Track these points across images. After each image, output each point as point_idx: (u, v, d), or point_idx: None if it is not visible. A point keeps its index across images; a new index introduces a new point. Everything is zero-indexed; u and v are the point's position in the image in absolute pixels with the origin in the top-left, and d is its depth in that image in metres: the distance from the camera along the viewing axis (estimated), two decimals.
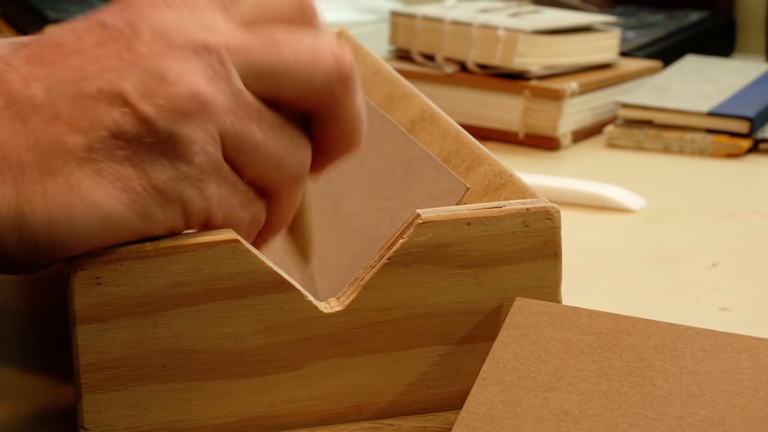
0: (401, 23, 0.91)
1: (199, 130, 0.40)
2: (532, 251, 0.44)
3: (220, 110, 0.41)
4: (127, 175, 0.40)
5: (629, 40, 0.96)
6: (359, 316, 0.43)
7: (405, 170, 0.51)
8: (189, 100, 0.40)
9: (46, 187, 0.39)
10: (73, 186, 0.39)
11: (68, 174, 0.39)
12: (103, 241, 0.41)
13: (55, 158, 0.39)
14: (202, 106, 0.40)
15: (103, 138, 0.40)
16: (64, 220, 0.40)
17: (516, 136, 0.86)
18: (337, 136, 0.44)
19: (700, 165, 0.81)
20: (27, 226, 0.39)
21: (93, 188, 0.40)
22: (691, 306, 0.60)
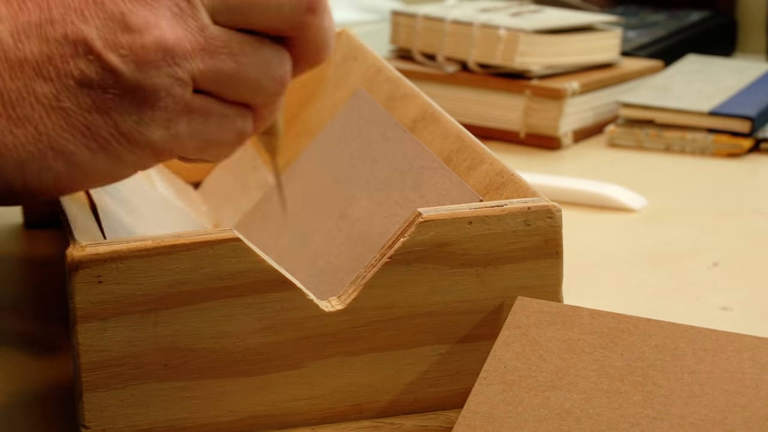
0: (402, 23, 0.91)
1: (164, 76, 0.41)
2: (533, 250, 0.44)
3: (188, 51, 0.41)
4: (95, 122, 0.41)
5: (630, 40, 0.96)
6: (360, 314, 0.43)
7: (416, 178, 0.51)
8: (154, 48, 0.41)
9: (16, 135, 0.40)
10: (42, 134, 0.40)
11: (37, 122, 0.40)
12: (74, 185, 0.42)
13: (23, 106, 0.40)
14: (167, 52, 0.41)
15: (70, 86, 0.40)
16: (33, 167, 0.40)
17: (517, 136, 0.86)
18: (306, 53, 0.45)
19: (701, 164, 0.81)
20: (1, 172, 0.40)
21: (62, 136, 0.40)
22: (692, 305, 0.60)
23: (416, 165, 0.52)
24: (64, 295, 0.42)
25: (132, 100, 0.41)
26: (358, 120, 0.58)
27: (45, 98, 0.40)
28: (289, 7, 0.43)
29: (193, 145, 0.43)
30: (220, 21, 0.43)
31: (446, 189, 0.49)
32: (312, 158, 0.60)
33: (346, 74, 0.65)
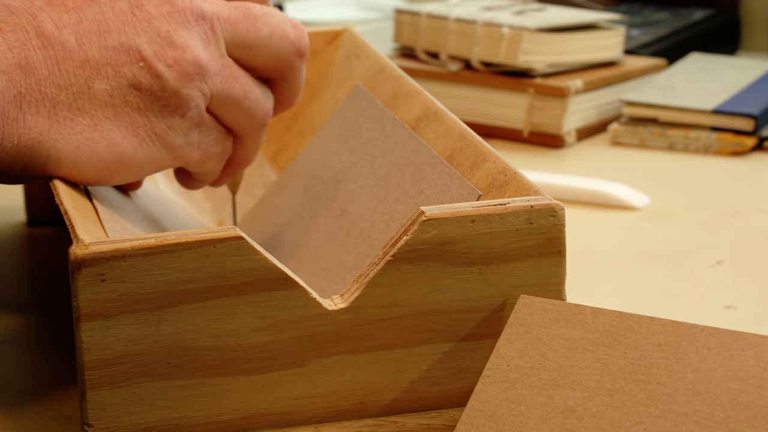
0: (405, 21, 0.91)
1: (196, 89, 0.48)
2: (536, 248, 0.44)
3: (212, 73, 0.49)
4: (137, 121, 0.48)
5: (634, 38, 0.96)
6: (363, 313, 0.43)
7: (416, 174, 0.51)
8: (192, 64, 0.48)
9: (76, 122, 0.47)
10: (97, 125, 0.47)
11: (93, 114, 0.47)
12: (112, 174, 0.48)
13: (83, 99, 0.47)
14: (201, 70, 0.48)
15: (123, 86, 0.47)
16: (86, 152, 0.47)
17: (520, 134, 0.85)
18: (285, 96, 0.54)
19: (704, 163, 0.81)
20: (56, 153, 0.46)
21: (112, 129, 0.47)
22: (695, 304, 0.60)
23: (415, 161, 0.52)
24: (67, 293, 0.42)
25: (168, 106, 0.48)
26: (357, 116, 0.58)
27: (101, 94, 0.47)
28: (285, 50, 0.52)
29: (198, 155, 0.50)
30: (231, 55, 0.50)
31: (446, 185, 0.49)
32: (312, 155, 0.60)
33: (348, 72, 0.65)
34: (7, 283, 0.61)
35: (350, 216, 0.53)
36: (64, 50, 0.47)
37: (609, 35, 0.89)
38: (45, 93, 0.46)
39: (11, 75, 0.46)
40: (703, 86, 0.86)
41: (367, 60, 0.64)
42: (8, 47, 0.46)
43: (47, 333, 0.55)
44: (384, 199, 0.52)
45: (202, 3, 0.49)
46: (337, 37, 0.68)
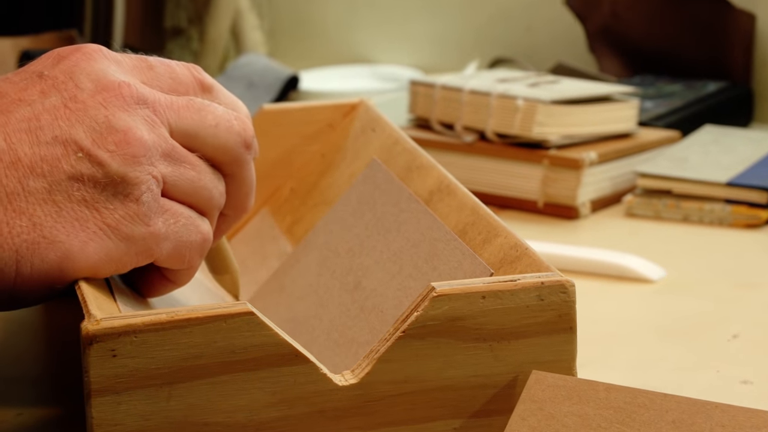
0: (421, 92, 0.91)
1: (145, 172, 0.45)
2: (546, 325, 0.44)
3: (160, 155, 0.46)
4: (83, 215, 0.44)
5: (647, 110, 0.97)
6: (374, 389, 0.43)
7: (429, 250, 0.51)
8: (137, 146, 0.45)
9: (12, 225, 0.44)
10: (36, 225, 0.44)
11: (31, 214, 0.44)
12: (63, 276, 0.45)
13: (18, 199, 0.44)
14: (146, 151, 0.45)
15: (61, 180, 0.44)
16: (27, 256, 0.44)
17: (535, 205, 0.86)
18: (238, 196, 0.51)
19: (719, 235, 0.81)
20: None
21: (54, 227, 0.44)
22: (711, 379, 0.59)
23: (429, 237, 0.52)
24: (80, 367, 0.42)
25: (117, 194, 0.45)
26: (372, 190, 0.59)
27: (38, 192, 0.44)
28: (233, 140, 0.49)
29: (168, 247, 0.47)
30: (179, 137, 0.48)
31: (458, 262, 0.49)
32: (327, 228, 0.60)
33: (364, 145, 0.65)
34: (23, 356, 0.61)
35: (364, 290, 0.53)
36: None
37: (623, 107, 0.89)
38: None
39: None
40: (717, 158, 0.86)
41: (382, 133, 0.64)
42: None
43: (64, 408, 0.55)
44: (397, 274, 0.52)
45: (142, 89, 0.47)
46: (353, 109, 0.68)
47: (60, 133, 0.45)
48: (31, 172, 0.44)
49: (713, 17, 1.07)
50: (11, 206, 0.44)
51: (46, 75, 0.46)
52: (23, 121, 0.45)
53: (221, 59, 1.38)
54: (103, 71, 0.46)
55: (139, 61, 0.49)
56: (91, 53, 0.47)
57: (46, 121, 0.45)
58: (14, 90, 0.46)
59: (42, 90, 0.46)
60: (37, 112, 0.45)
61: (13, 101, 0.45)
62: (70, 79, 0.46)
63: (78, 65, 0.46)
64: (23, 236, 0.44)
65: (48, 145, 0.44)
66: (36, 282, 0.44)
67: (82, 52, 0.47)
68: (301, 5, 1.41)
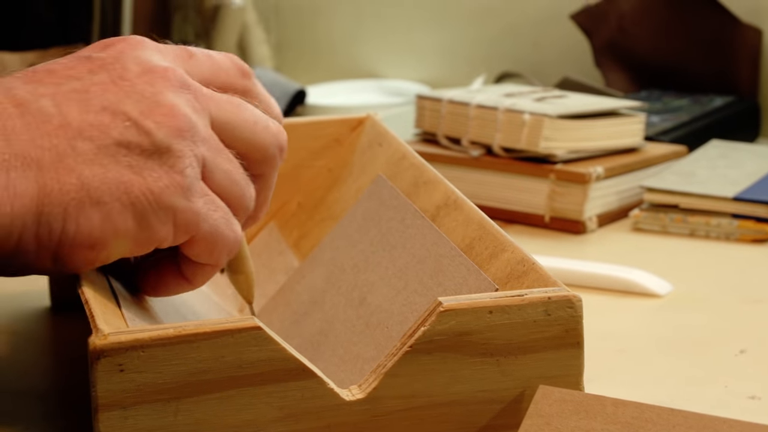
0: (427, 107, 0.92)
1: (188, 147, 0.46)
2: (553, 340, 0.44)
3: (202, 138, 0.47)
4: (129, 179, 0.45)
5: (654, 125, 0.97)
6: (381, 404, 0.43)
7: (434, 266, 0.51)
8: (182, 120, 0.46)
9: (62, 183, 0.45)
10: (84, 184, 0.45)
11: (79, 173, 0.45)
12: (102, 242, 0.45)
13: (68, 158, 0.45)
14: (191, 128, 0.46)
15: (109, 145, 0.45)
16: (74, 214, 0.45)
17: (542, 220, 0.86)
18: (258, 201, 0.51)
19: (726, 250, 0.80)
20: (45, 217, 0.44)
21: (99, 188, 0.45)
22: (719, 394, 0.59)
23: (434, 253, 0.52)
24: (88, 381, 0.42)
25: (163, 164, 0.46)
26: (378, 206, 0.59)
27: (87, 153, 0.45)
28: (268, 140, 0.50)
29: (206, 230, 0.47)
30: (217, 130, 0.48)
31: (463, 278, 0.49)
32: (333, 244, 0.60)
33: (370, 159, 0.65)
34: (30, 370, 0.61)
35: (369, 306, 0.53)
36: (42, 115, 0.45)
37: (629, 122, 0.89)
38: (30, 157, 0.44)
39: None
40: (724, 173, 0.86)
41: (389, 147, 0.64)
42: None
43: (71, 422, 0.55)
44: (403, 290, 0.52)
45: (184, 75, 0.48)
46: (360, 124, 0.69)
47: (108, 104, 0.46)
48: (79, 134, 0.45)
49: (720, 32, 1.07)
50: (61, 164, 0.45)
51: (94, 57, 0.47)
52: (73, 92, 0.46)
53: None
54: (148, 57, 0.48)
55: (180, 51, 0.50)
56: (136, 42, 0.48)
57: (94, 93, 0.46)
58: (62, 68, 0.47)
59: (90, 69, 0.47)
60: (86, 86, 0.46)
61: (62, 76, 0.46)
62: (117, 61, 0.47)
63: (124, 51, 0.48)
64: (72, 194, 0.45)
65: (96, 113, 0.45)
66: (79, 243, 0.45)
67: (126, 41, 0.48)
68: (308, 20, 1.41)
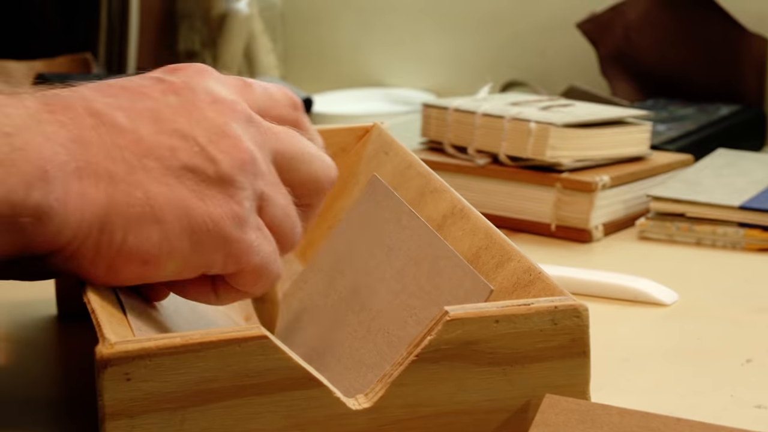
0: (433, 115, 0.92)
1: (249, 180, 0.47)
2: (560, 349, 0.44)
3: (262, 173, 0.48)
4: (191, 203, 0.46)
5: (660, 134, 0.97)
6: (387, 412, 0.43)
7: (431, 268, 0.51)
8: (246, 153, 0.47)
9: (130, 196, 0.46)
10: (149, 200, 0.46)
11: (146, 189, 0.46)
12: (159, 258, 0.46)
13: (137, 173, 0.46)
14: (253, 162, 0.47)
15: (177, 167, 0.46)
16: (136, 227, 0.46)
17: (548, 228, 0.86)
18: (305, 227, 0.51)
19: (732, 259, 0.80)
20: (109, 227, 0.45)
21: (163, 206, 0.46)
22: (725, 403, 0.59)
23: (431, 254, 0.52)
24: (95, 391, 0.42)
25: (224, 192, 0.47)
26: (374, 207, 0.59)
27: (155, 171, 0.46)
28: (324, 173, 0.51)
29: (255, 263, 0.48)
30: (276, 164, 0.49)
31: (459, 279, 0.49)
32: (333, 248, 0.60)
33: (377, 168, 0.65)
34: (37, 379, 0.61)
35: (370, 311, 0.53)
36: (116, 128, 0.46)
37: (635, 131, 0.89)
38: (102, 167, 0.46)
39: (69, 148, 0.45)
40: (730, 182, 0.86)
41: (395, 156, 0.64)
42: (61, 124, 0.45)
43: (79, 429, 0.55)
44: (401, 293, 0.52)
45: (249, 110, 0.49)
46: (366, 133, 0.69)
47: (179, 127, 0.47)
48: (150, 152, 0.46)
49: (726, 41, 1.07)
50: (131, 178, 0.46)
51: (166, 80, 0.48)
52: (146, 110, 0.47)
53: None
54: (214, 87, 0.49)
55: (239, 82, 0.51)
56: (202, 70, 0.49)
57: (167, 115, 0.47)
58: (136, 86, 0.48)
59: (162, 90, 0.48)
60: (159, 106, 0.47)
61: (136, 93, 0.47)
62: (187, 87, 0.48)
63: (192, 78, 0.49)
64: (137, 208, 0.45)
65: (169, 135, 0.46)
66: (134, 256, 0.46)
67: (194, 68, 0.49)
68: (314, 29, 1.42)
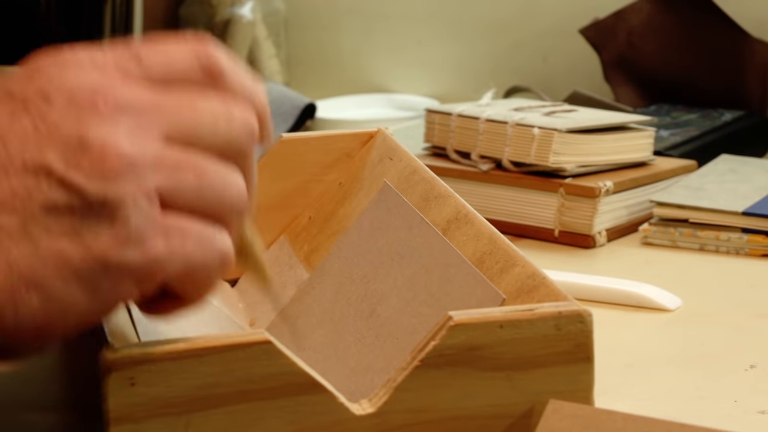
0: (437, 121, 0.92)
1: (129, 189, 0.40)
2: (564, 355, 0.44)
3: (148, 165, 0.41)
4: (65, 248, 0.39)
5: (663, 139, 0.97)
6: (391, 418, 0.43)
7: (442, 276, 0.51)
8: (115, 160, 0.40)
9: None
10: (13, 265, 0.39)
11: (6, 254, 0.39)
12: (52, 323, 0.40)
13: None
14: (128, 165, 0.40)
15: (36, 213, 0.39)
16: (9, 303, 0.39)
17: (551, 234, 0.86)
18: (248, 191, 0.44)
19: (736, 265, 0.80)
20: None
21: (32, 266, 0.39)
22: (729, 408, 0.59)
23: (442, 262, 0.52)
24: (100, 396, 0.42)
25: (101, 218, 0.40)
26: (385, 215, 0.59)
27: (11, 230, 0.39)
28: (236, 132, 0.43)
29: (175, 268, 0.41)
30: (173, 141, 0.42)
31: (471, 288, 0.49)
32: (342, 254, 0.60)
33: (381, 174, 0.65)
34: (43, 385, 0.61)
35: (379, 317, 0.53)
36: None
37: (639, 136, 0.89)
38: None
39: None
40: (734, 188, 0.86)
41: (400, 162, 0.64)
42: None
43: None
44: (411, 301, 0.52)
45: (122, 93, 0.41)
46: (371, 138, 0.69)
47: (30, 159, 0.40)
48: (2, 208, 0.39)
49: (729, 46, 1.07)
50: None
51: (17, 93, 0.41)
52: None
53: None
54: (78, 81, 0.41)
55: (124, 57, 0.43)
56: (65, 62, 0.42)
57: (14, 149, 0.40)
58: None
59: (11, 111, 0.41)
60: (5, 139, 0.40)
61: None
62: (40, 97, 0.41)
63: (51, 79, 0.41)
64: (0, 281, 0.39)
65: (18, 176, 0.40)
66: (24, 331, 0.39)
67: (55, 61, 0.42)
68: (318, 34, 1.42)
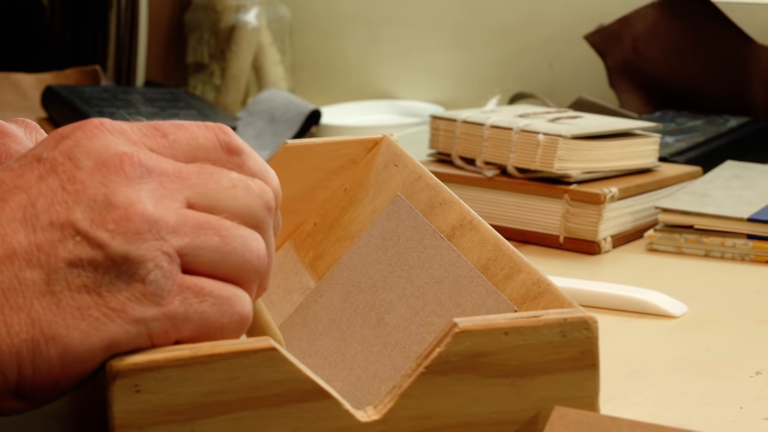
0: (442, 127, 0.92)
1: (151, 249, 0.42)
2: (569, 361, 0.44)
3: (171, 227, 0.42)
4: (85, 302, 0.41)
5: (668, 145, 0.97)
6: (396, 425, 0.43)
7: (452, 287, 0.51)
8: (139, 220, 0.42)
9: (10, 324, 0.41)
10: (35, 320, 0.41)
11: (29, 309, 0.41)
12: (68, 374, 0.42)
13: (15, 295, 0.41)
14: (152, 225, 0.42)
15: (60, 269, 0.41)
16: (28, 356, 0.41)
17: (556, 240, 0.86)
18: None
19: (741, 271, 0.80)
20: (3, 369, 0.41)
21: (53, 321, 0.41)
22: (734, 415, 0.59)
23: (452, 273, 0.52)
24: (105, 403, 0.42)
25: (121, 275, 0.42)
26: (396, 226, 0.59)
27: (35, 285, 0.41)
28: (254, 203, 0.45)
29: (191, 329, 0.43)
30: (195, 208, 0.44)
31: (482, 298, 0.49)
32: (351, 263, 0.60)
33: (386, 180, 0.65)
34: None
35: (387, 326, 0.53)
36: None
37: (644, 143, 0.89)
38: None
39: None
40: (739, 194, 0.86)
41: (405, 168, 0.64)
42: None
43: None
44: (421, 311, 0.52)
45: (147, 159, 0.43)
46: (376, 145, 0.69)
47: (56, 217, 0.42)
48: (27, 263, 0.41)
49: (735, 52, 1.07)
50: (8, 303, 0.41)
51: (45, 158, 0.43)
52: (18, 209, 0.42)
53: (243, 94, 1.39)
54: (105, 146, 0.43)
55: (149, 130, 0.45)
56: (93, 129, 0.44)
57: (42, 207, 0.42)
58: (11, 177, 0.43)
59: (40, 174, 0.43)
60: (33, 198, 0.42)
61: (9, 189, 0.43)
62: (68, 160, 0.43)
63: (78, 144, 0.43)
64: (22, 335, 0.41)
65: (44, 232, 0.42)
66: (40, 382, 0.42)
67: (83, 129, 0.44)
68: (323, 40, 1.42)
